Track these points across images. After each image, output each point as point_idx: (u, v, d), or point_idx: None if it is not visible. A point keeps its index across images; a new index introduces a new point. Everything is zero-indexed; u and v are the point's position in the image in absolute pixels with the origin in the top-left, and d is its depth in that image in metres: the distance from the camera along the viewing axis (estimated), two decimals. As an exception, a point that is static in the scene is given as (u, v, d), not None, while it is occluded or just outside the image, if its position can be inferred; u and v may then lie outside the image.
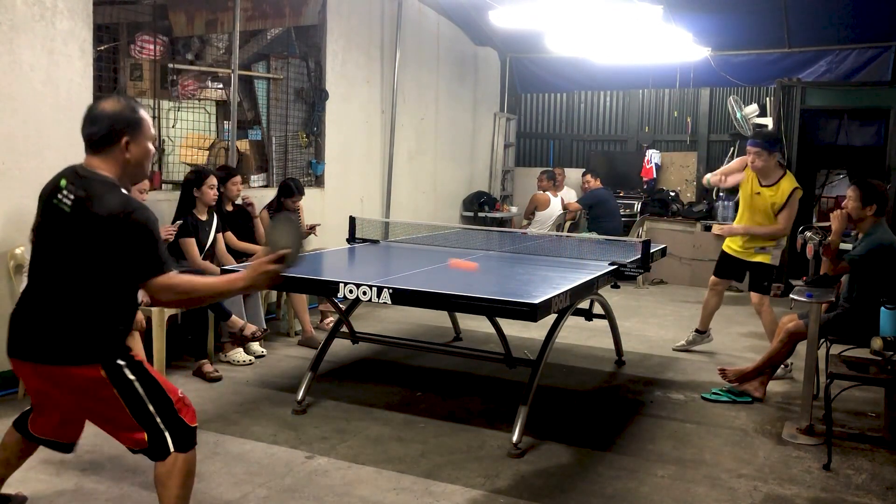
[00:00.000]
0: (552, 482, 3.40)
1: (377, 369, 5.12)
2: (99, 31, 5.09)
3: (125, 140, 2.40)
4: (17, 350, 2.43)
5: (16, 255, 4.23)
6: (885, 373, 3.78)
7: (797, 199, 5.24)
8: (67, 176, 2.41)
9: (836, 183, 9.36)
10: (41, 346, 2.38)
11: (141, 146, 2.44)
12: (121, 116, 2.40)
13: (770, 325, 5.31)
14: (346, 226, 5.45)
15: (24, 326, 2.43)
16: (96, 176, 2.38)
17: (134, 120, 2.42)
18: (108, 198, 2.33)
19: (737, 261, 5.52)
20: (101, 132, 2.39)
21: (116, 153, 2.41)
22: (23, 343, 2.42)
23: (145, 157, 2.48)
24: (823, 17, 8.09)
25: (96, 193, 2.33)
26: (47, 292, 2.40)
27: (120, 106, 2.43)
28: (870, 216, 4.37)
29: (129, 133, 2.41)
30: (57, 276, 2.38)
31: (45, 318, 2.38)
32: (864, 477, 3.56)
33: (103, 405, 2.40)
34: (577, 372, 5.22)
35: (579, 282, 3.98)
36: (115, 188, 2.38)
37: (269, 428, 3.94)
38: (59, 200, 2.37)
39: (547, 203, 9.06)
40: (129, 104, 2.46)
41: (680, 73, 9.31)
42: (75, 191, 2.36)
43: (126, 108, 2.43)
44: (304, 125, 6.92)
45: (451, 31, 9.10)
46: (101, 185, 2.36)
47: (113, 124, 2.39)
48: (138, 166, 2.48)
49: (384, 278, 3.84)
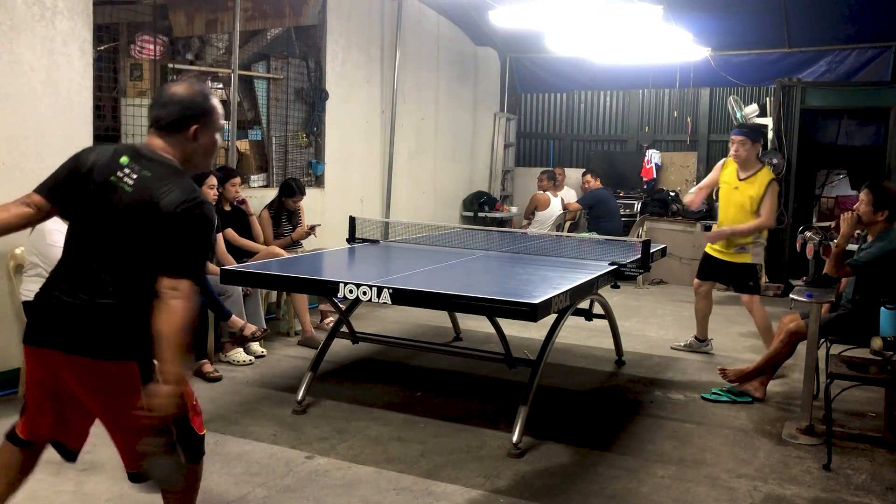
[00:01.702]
0: (552, 482, 3.40)
1: (377, 369, 5.12)
2: (99, 31, 5.09)
3: (194, 127, 2.25)
4: (43, 337, 2.21)
5: (16, 255, 4.23)
6: (885, 373, 3.78)
7: (776, 190, 5.32)
8: (128, 153, 2.23)
9: (836, 183, 9.36)
10: (78, 335, 2.16)
11: (209, 136, 2.31)
12: (193, 102, 2.26)
13: (763, 323, 5.34)
14: (346, 226, 5.45)
15: (57, 311, 2.19)
16: (163, 159, 2.22)
17: (206, 108, 2.28)
18: (177, 184, 2.16)
19: (719, 262, 5.54)
20: (170, 116, 2.24)
21: (183, 140, 2.26)
22: (53, 330, 2.19)
23: (212, 148, 2.35)
24: (823, 17, 8.09)
25: (164, 177, 2.17)
26: (91, 276, 2.18)
27: (193, 91, 2.29)
28: (881, 221, 4.34)
29: (199, 121, 2.26)
30: (105, 259, 2.18)
31: (87, 305, 2.16)
32: (864, 477, 3.56)
33: (127, 406, 2.19)
34: (577, 372, 5.22)
35: (579, 282, 3.98)
36: (184, 175, 2.23)
37: (269, 428, 3.94)
38: (119, 178, 2.17)
39: (547, 203, 9.06)
40: (202, 90, 2.33)
41: (680, 73, 9.31)
42: (139, 171, 2.18)
43: (199, 95, 2.29)
44: (304, 125, 6.92)
45: (451, 31, 9.10)
46: (169, 169, 2.20)
47: (184, 110, 2.25)
48: (204, 156, 2.34)
49: (384, 278, 3.84)
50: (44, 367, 2.26)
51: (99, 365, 2.17)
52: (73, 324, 2.17)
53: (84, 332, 2.16)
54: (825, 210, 9.24)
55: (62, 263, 2.27)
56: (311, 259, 5.08)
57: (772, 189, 5.27)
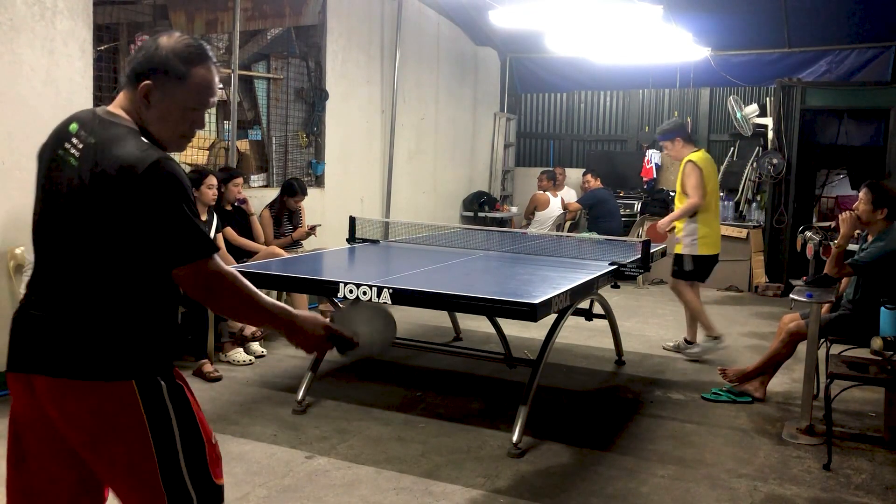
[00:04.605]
0: (552, 482, 3.40)
1: (377, 369, 5.12)
2: (99, 31, 5.09)
3: (145, 85, 1.75)
4: (21, 361, 1.73)
5: (16, 255, 4.23)
6: (885, 373, 3.78)
7: (691, 169, 5.46)
8: (80, 119, 1.79)
9: (836, 183, 9.35)
10: (55, 354, 1.69)
11: (165, 103, 1.76)
12: (154, 55, 1.75)
13: (691, 305, 5.53)
14: (346, 226, 5.46)
15: (30, 330, 1.73)
16: (118, 120, 1.76)
17: (167, 65, 1.74)
18: (127, 143, 1.69)
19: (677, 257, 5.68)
20: (129, 66, 1.79)
21: (136, 100, 1.77)
22: (28, 351, 1.73)
23: (170, 119, 1.79)
24: (823, 17, 8.09)
25: (112, 140, 1.70)
26: (58, 282, 1.74)
27: (166, 44, 1.76)
28: (880, 219, 4.34)
29: (152, 78, 1.74)
30: (68, 258, 1.73)
31: (60, 317, 1.71)
32: (864, 477, 3.56)
33: (123, 442, 1.70)
34: (577, 372, 5.22)
35: (579, 282, 3.98)
36: (134, 134, 1.73)
37: (269, 428, 3.94)
38: (66, 151, 1.74)
39: (547, 203, 9.06)
40: (182, 45, 1.77)
41: (680, 73, 9.32)
42: (85, 138, 1.73)
43: (169, 49, 1.75)
44: (304, 125, 6.92)
45: (451, 31, 9.10)
46: (120, 129, 1.73)
47: (140, 62, 1.76)
48: (161, 126, 1.78)
49: (384, 278, 3.84)
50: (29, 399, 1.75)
51: (86, 388, 1.68)
52: (50, 341, 1.70)
53: (63, 349, 1.69)
54: (825, 210, 9.24)
55: (34, 270, 1.82)
56: (311, 259, 5.08)
57: (688, 168, 5.47)
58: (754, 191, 9.02)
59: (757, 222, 8.89)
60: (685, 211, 5.46)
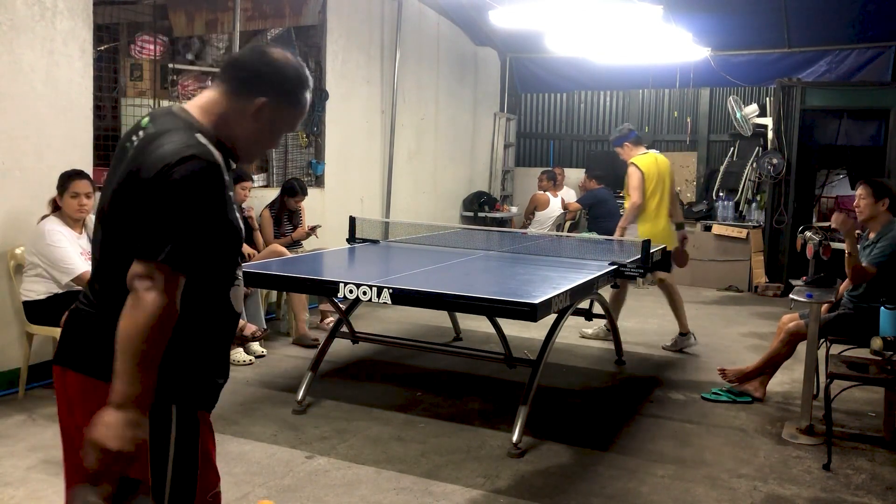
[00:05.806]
0: (552, 482, 3.40)
1: (377, 369, 5.12)
2: (99, 31, 5.09)
3: (262, 101, 1.69)
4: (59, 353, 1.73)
5: (16, 255, 4.22)
6: (885, 373, 3.78)
7: (632, 171, 5.73)
8: (154, 113, 1.73)
9: (836, 183, 9.35)
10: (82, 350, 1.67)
11: (274, 124, 1.74)
12: (272, 75, 1.70)
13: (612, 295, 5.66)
14: (346, 226, 5.45)
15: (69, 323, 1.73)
16: (184, 115, 1.68)
17: (289, 91, 1.73)
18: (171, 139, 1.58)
19: None
20: (243, 70, 1.71)
21: (240, 110, 1.69)
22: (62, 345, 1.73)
23: (265, 139, 1.77)
24: (823, 17, 8.10)
25: (160, 134, 1.61)
26: (98, 278, 1.70)
27: (282, 61, 1.72)
28: (883, 210, 4.32)
29: (271, 96, 1.69)
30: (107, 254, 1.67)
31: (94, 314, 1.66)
32: (864, 477, 3.56)
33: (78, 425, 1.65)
34: (577, 372, 5.22)
35: (579, 282, 3.99)
36: (189, 131, 1.62)
37: (269, 428, 3.94)
38: (132, 143, 1.65)
39: (547, 203, 9.06)
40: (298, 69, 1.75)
41: (680, 73, 9.31)
42: (147, 132, 1.64)
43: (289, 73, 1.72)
44: (304, 125, 6.91)
45: (451, 31, 9.10)
46: (177, 122, 1.64)
47: (253, 75, 1.69)
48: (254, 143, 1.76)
49: (384, 278, 3.84)
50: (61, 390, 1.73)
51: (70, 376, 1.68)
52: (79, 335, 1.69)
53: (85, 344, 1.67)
54: (825, 210, 9.23)
55: None
56: (312, 259, 5.08)
57: (630, 170, 5.74)
58: (754, 191, 9.03)
59: (757, 222, 8.90)
60: (629, 213, 5.78)
